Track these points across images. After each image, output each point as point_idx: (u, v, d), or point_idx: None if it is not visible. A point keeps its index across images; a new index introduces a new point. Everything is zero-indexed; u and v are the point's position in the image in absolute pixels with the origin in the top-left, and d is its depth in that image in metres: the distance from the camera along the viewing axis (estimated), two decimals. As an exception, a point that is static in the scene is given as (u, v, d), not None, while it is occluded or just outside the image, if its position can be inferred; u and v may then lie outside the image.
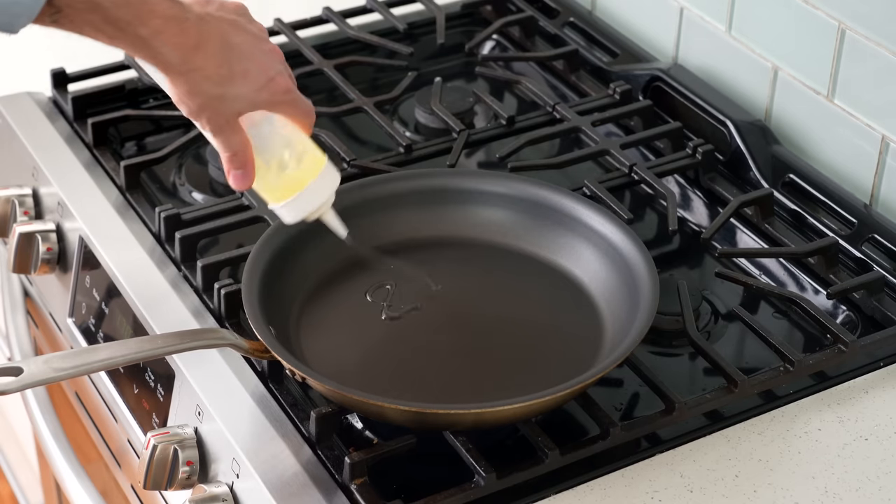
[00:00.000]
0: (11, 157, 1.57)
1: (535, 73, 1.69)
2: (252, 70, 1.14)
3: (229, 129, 1.15)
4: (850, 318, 1.34)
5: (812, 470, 1.17)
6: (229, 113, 1.15)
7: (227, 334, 1.20)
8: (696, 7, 1.60)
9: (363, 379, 1.20)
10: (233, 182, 1.18)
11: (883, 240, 1.37)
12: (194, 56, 1.11)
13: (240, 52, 1.14)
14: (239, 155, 1.17)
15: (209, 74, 1.12)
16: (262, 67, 1.15)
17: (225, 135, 1.16)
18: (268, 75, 1.15)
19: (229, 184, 1.18)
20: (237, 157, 1.17)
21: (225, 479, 1.18)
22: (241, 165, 1.17)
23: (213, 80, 1.12)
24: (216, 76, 1.12)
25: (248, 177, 1.18)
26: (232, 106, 1.14)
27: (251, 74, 1.14)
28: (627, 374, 1.24)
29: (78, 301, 1.44)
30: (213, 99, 1.13)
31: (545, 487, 1.15)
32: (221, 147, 1.16)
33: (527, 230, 1.33)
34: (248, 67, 1.14)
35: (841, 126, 1.45)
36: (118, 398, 1.35)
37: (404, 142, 1.50)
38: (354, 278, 1.30)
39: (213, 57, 1.12)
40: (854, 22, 1.41)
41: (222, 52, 1.12)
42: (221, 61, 1.12)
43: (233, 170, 1.17)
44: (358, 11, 1.74)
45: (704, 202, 1.48)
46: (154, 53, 1.10)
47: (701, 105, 1.54)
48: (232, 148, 1.16)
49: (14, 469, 2.14)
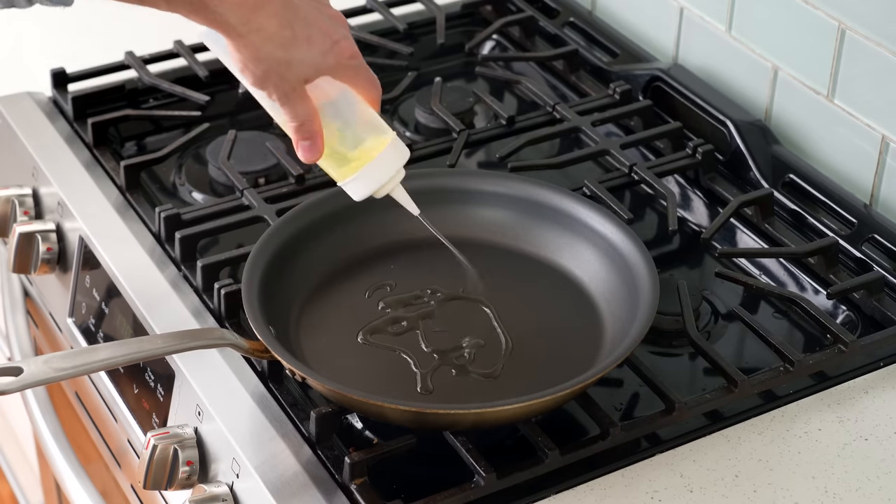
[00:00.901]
0: (11, 157, 1.57)
1: (535, 73, 1.69)
2: (316, 33, 1.11)
3: (296, 97, 1.13)
4: (850, 318, 1.34)
5: (812, 470, 1.17)
6: (295, 79, 1.12)
7: (227, 334, 1.20)
8: (696, 7, 1.60)
9: (363, 379, 1.20)
10: (302, 154, 1.15)
11: (883, 240, 1.37)
12: (255, 16, 1.08)
13: (303, 13, 1.11)
14: (307, 125, 1.14)
15: (271, 35, 1.09)
16: (326, 31, 1.12)
17: (292, 103, 1.13)
18: (333, 38, 1.13)
19: (298, 156, 1.16)
20: (305, 126, 1.14)
21: (225, 479, 1.18)
22: (310, 136, 1.14)
23: (277, 41, 1.09)
24: (279, 38, 1.09)
25: (317, 147, 1.15)
26: (298, 71, 1.11)
27: (315, 38, 1.11)
28: (627, 374, 1.24)
29: (78, 301, 1.44)
30: (279, 64, 1.10)
31: (545, 487, 1.15)
32: (289, 116, 1.13)
33: (527, 230, 1.33)
34: (311, 30, 1.11)
35: (841, 126, 1.45)
36: (118, 398, 1.35)
37: (404, 142, 1.50)
38: (354, 278, 1.30)
39: (274, 17, 1.09)
40: (854, 22, 1.41)
41: (284, 12, 1.09)
42: (284, 22, 1.09)
43: (301, 140, 1.14)
44: (358, 11, 1.74)
45: (704, 202, 1.48)
46: (213, 15, 1.08)
47: (701, 105, 1.54)
48: (299, 117, 1.13)
49: (14, 469, 2.14)
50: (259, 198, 1.41)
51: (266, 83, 1.12)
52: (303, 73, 1.12)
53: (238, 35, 1.09)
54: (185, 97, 1.57)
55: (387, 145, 1.18)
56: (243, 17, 1.08)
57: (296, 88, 1.12)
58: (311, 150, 1.15)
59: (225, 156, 1.47)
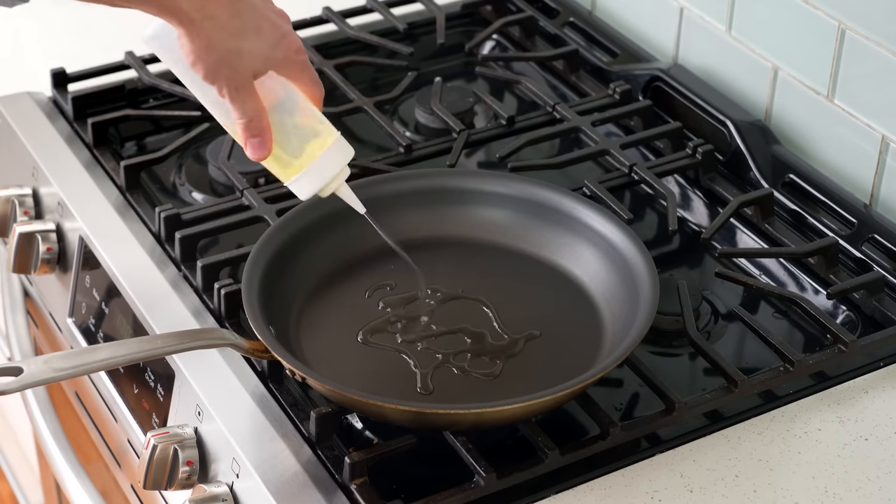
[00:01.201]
0: (11, 157, 1.57)
1: (535, 73, 1.69)
2: (265, 24, 1.13)
3: (245, 92, 1.14)
4: (850, 318, 1.34)
5: (812, 470, 1.17)
6: (245, 72, 1.13)
7: (227, 334, 1.20)
8: (696, 7, 1.60)
9: (363, 379, 1.20)
10: (250, 152, 1.16)
11: (883, 240, 1.37)
12: (207, 3, 1.09)
13: (251, 5, 1.12)
14: (255, 121, 1.15)
15: (223, 24, 1.10)
16: (273, 24, 1.14)
17: (242, 98, 1.13)
18: (281, 31, 1.14)
19: (247, 154, 1.16)
20: (253, 123, 1.15)
21: (225, 479, 1.18)
22: (259, 132, 1.15)
23: (228, 30, 1.11)
24: (230, 27, 1.11)
25: (265, 145, 1.16)
26: (248, 63, 1.12)
27: (264, 28, 1.13)
28: (627, 374, 1.24)
29: (78, 301, 1.44)
30: (230, 53, 1.11)
31: (545, 487, 1.15)
32: (238, 113, 1.14)
33: (527, 230, 1.33)
34: (260, 21, 1.13)
35: (841, 126, 1.45)
36: (118, 398, 1.35)
37: (404, 142, 1.50)
38: (354, 278, 1.30)
39: (225, 6, 1.10)
40: (854, 22, 1.41)
41: (234, 2, 1.11)
42: (234, 11, 1.11)
43: (249, 138, 1.15)
44: (358, 11, 1.74)
45: (704, 202, 1.48)
46: (167, 3, 1.09)
47: (701, 105, 1.54)
48: (248, 114, 1.14)
49: (14, 469, 2.14)
50: (259, 198, 1.41)
51: (218, 74, 1.12)
52: (252, 66, 1.13)
53: (190, 21, 1.10)
54: (184, 97, 1.57)
55: (331, 144, 1.19)
56: (196, 3, 1.09)
57: (245, 84, 1.13)
58: (260, 147, 1.15)
59: (225, 156, 1.47)
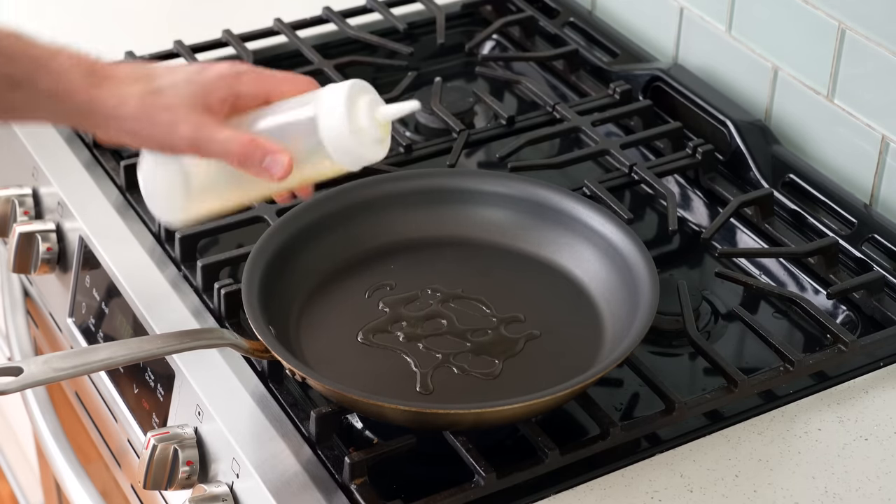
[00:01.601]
0: (11, 157, 1.57)
1: (535, 73, 1.69)
2: (178, 70, 1.09)
3: (207, 132, 1.06)
4: (850, 318, 1.34)
5: (812, 470, 1.17)
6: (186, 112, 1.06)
7: (227, 334, 1.20)
8: (696, 7, 1.60)
9: (363, 379, 1.20)
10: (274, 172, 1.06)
11: (883, 240, 1.37)
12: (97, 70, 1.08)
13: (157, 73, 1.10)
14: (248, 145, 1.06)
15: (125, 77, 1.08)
16: (187, 67, 1.10)
17: (205, 140, 1.07)
18: (199, 66, 1.11)
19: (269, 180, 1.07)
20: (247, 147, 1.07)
21: (225, 479, 1.18)
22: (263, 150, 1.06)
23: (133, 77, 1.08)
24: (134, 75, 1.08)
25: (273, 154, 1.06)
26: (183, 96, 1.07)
27: (177, 71, 1.09)
28: (627, 374, 1.24)
29: (78, 301, 1.44)
30: (150, 94, 1.07)
31: (545, 487, 1.15)
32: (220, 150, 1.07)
33: (527, 230, 1.33)
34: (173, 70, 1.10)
35: (841, 126, 1.46)
36: (118, 398, 1.35)
37: (404, 142, 1.50)
38: (354, 278, 1.30)
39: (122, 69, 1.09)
40: (854, 22, 1.41)
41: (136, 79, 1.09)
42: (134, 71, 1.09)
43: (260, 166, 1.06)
44: (358, 11, 1.74)
45: (704, 202, 1.48)
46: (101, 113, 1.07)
47: (701, 105, 1.54)
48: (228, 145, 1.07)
49: (14, 469, 2.14)
50: (259, 198, 1.41)
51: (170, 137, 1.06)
52: (184, 103, 1.07)
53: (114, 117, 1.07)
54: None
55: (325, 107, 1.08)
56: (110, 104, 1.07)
57: (201, 123, 1.06)
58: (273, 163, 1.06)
59: (225, 156, 1.47)
